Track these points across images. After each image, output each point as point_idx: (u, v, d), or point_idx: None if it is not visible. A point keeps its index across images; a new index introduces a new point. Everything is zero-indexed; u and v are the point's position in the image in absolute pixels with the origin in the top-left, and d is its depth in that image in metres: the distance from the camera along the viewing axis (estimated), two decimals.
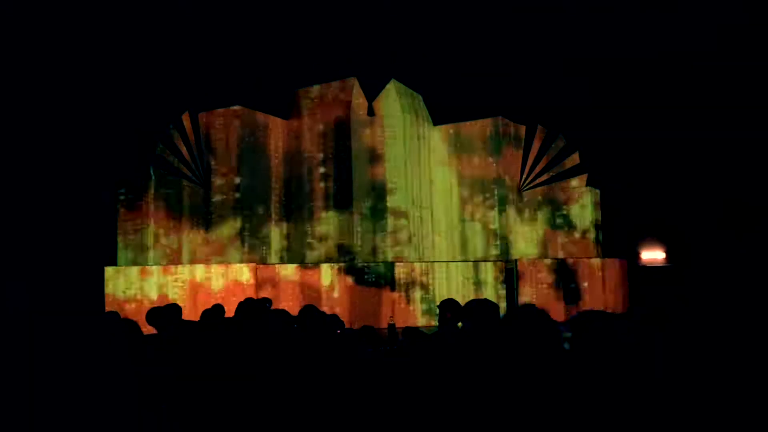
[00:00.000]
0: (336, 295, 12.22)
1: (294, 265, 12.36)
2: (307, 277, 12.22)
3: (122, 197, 12.17)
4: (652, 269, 13.49)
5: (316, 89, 13.17)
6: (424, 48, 11.91)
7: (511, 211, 13.52)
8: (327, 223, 12.88)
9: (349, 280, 12.34)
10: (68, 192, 11.29)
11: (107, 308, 11.14)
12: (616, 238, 13.55)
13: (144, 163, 12.26)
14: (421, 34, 11.78)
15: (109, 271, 11.58)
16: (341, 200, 12.89)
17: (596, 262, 13.23)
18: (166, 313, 5.10)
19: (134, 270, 11.68)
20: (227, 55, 11.70)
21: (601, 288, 13.06)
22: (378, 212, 12.96)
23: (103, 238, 11.83)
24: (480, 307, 3.62)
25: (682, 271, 12.94)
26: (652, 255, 13.70)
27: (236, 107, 12.67)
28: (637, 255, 13.74)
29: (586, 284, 13.05)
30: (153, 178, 12.26)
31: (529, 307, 3.49)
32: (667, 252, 13.63)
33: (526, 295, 12.78)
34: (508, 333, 3.37)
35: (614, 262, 13.26)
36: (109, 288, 11.48)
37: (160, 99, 11.91)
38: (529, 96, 12.93)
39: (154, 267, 11.80)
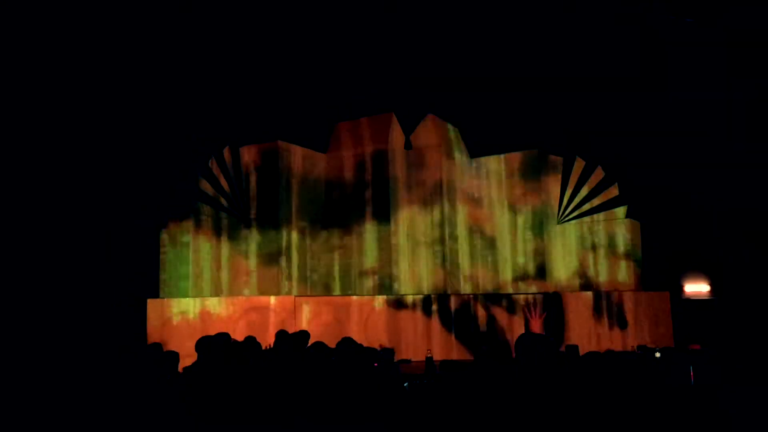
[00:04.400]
0: (374, 326, 12.21)
1: (335, 297, 12.43)
2: (345, 309, 12.26)
3: (164, 230, 12.43)
4: (697, 302, 13.17)
5: (354, 123, 13.37)
6: (462, 81, 11.99)
7: (550, 244, 13.41)
8: (366, 255, 12.96)
9: (388, 311, 12.34)
10: (111, 224, 11.56)
11: (149, 340, 11.32)
12: (659, 271, 13.29)
13: (186, 197, 12.51)
14: (459, 67, 11.87)
15: (151, 302, 11.78)
16: (378, 232, 12.97)
17: (638, 294, 13.00)
18: (215, 342, 5.19)
19: (175, 302, 11.86)
20: (268, 88, 11.95)
21: (643, 321, 12.82)
22: (415, 244, 12.99)
23: (145, 270, 12.05)
24: (534, 342, 3.57)
25: (727, 304, 12.61)
26: (696, 288, 13.38)
27: (276, 141, 12.90)
28: (680, 288, 13.43)
29: (628, 317, 12.83)
30: (194, 211, 12.49)
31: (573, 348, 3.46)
32: (711, 284, 13.31)
33: (568, 328, 12.60)
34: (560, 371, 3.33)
35: (657, 295, 13.01)
36: (151, 320, 11.67)
37: (203, 133, 12.20)
38: (568, 128, 12.90)
39: (195, 299, 11.97)
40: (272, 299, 12.10)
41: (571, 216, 13.52)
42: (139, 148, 11.71)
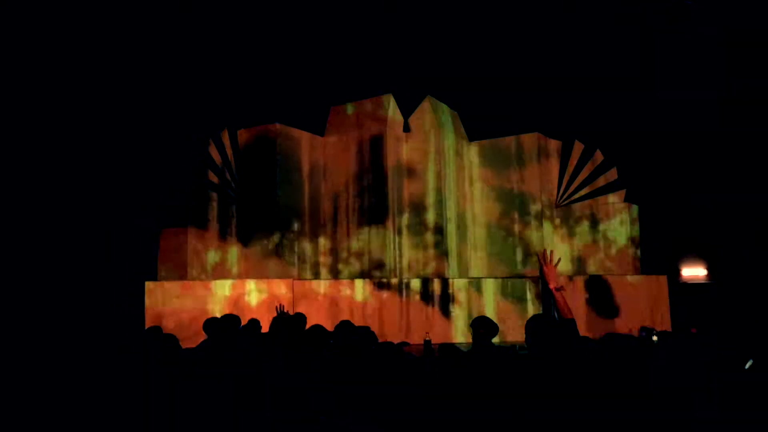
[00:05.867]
0: (371, 311, 12.24)
1: (329, 281, 12.43)
2: (342, 293, 12.28)
3: (162, 212, 12.38)
4: (694, 286, 13.22)
5: (352, 105, 13.31)
6: (461, 63, 11.96)
7: (548, 227, 13.42)
8: (362, 239, 12.94)
9: (385, 295, 12.35)
10: (109, 207, 11.54)
11: (147, 323, 11.33)
12: (656, 255, 13.33)
13: (183, 179, 12.47)
14: (458, 50, 11.84)
15: (149, 285, 11.76)
16: (377, 216, 12.94)
17: (635, 279, 13.03)
18: (223, 324, 5.20)
19: (173, 285, 11.84)
20: (265, 71, 11.89)
21: (640, 305, 12.85)
22: (413, 228, 12.98)
23: (143, 253, 12.04)
24: (539, 323, 3.55)
25: (724, 288, 12.66)
26: (694, 272, 13.42)
27: (274, 124, 12.85)
28: (677, 272, 13.48)
29: (624, 302, 12.86)
30: (193, 194, 12.44)
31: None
32: (708, 269, 13.35)
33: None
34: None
35: (654, 279, 13.04)
36: (149, 302, 11.65)
37: (200, 115, 12.14)
38: (567, 111, 12.87)
39: (192, 282, 11.96)
40: (268, 282, 12.09)
41: (569, 200, 13.52)
42: (137, 130, 11.66)
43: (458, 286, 12.65)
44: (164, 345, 4.95)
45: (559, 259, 4.14)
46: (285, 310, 6.29)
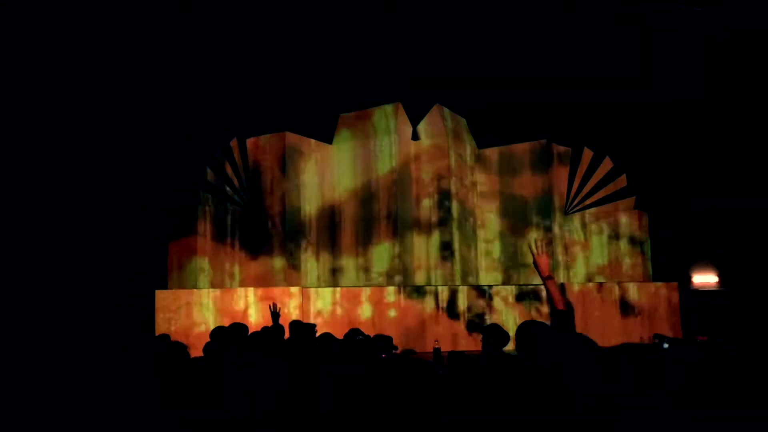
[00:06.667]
0: (380, 320, 12.21)
1: (338, 289, 12.42)
2: (350, 303, 12.26)
3: (172, 221, 12.40)
4: (705, 293, 13.13)
5: (360, 114, 13.31)
6: (469, 71, 11.96)
7: (558, 235, 13.36)
8: (371, 248, 12.93)
9: (394, 305, 12.33)
10: (119, 216, 11.57)
11: (158, 331, 11.35)
12: (667, 262, 13.25)
13: (193, 188, 12.49)
14: (466, 58, 11.84)
15: (159, 294, 11.77)
16: (386, 225, 12.93)
17: (646, 286, 12.96)
18: (230, 333, 5.20)
19: (183, 293, 11.85)
20: (274, 80, 11.93)
21: (651, 312, 12.79)
22: (424, 236, 12.96)
23: (153, 261, 12.05)
24: (529, 329, 3.55)
25: (735, 295, 12.55)
26: (705, 279, 13.33)
27: (283, 132, 12.87)
28: (688, 279, 13.39)
29: (635, 309, 12.80)
30: (202, 202, 12.46)
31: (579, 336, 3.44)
32: (720, 276, 13.25)
33: (577, 319, 12.54)
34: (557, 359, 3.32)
35: (665, 286, 12.98)
36: (159, 311, 11.66)
37: (209, 125, 12.18)
38: (576, 118, 12.85)
39: (202, 291, 11.97)
40: (277, 291, 12.08)
41: (579, 207, 13.47)
42: (147, 139, 11.71)
43: (469, 294, 12.61)
44: (173, 353, 4.95)
45: (551, 246, 4.12)
46: (279, 309, 6.30)
